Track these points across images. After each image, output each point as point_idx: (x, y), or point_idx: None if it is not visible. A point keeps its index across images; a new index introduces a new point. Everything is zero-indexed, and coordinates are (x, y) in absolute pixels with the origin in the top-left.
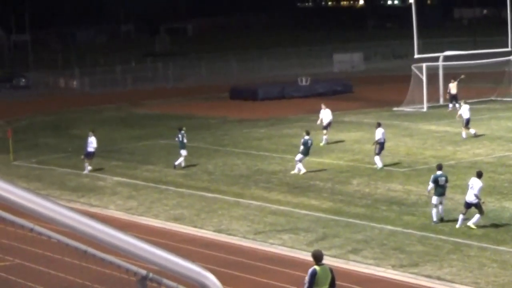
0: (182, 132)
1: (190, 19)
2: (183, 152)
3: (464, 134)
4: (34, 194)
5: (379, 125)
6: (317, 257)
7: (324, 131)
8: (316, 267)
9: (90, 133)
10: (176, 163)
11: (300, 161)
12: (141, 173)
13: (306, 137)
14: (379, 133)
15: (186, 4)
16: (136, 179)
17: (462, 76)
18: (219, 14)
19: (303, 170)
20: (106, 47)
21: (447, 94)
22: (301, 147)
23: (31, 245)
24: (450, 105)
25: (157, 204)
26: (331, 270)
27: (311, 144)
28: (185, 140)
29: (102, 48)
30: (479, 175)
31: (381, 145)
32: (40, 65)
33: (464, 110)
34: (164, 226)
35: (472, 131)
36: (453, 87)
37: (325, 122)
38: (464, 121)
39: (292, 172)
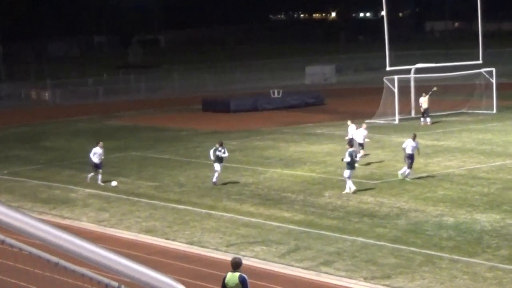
0: (221, 147)
1: (162, 31)
2: (218, 167)
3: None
4: (5, 206)
5: (414, 136)
6: (232, 264)
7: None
8: (229, 273)
9: (99, 145)
10: (215, 179)
11: (349, 177)
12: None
13: (350, 149)
14: (408, 145)
15: (159, 16)
16: (108, 191)
17: (434, 88)
18: (191, 26)
19: (353, 188)
20: (78, 59)
21: (420, 108)
22: (347, 161)
23: (2, 257)
24: (422, 119)
25: (129, 216)
26: (242, 281)
27: (356, 156)
28: (226, 154)
29: (74, 60)
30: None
31: (410, 157)
32: (12, 77)
33: (355, 132)
34: (136, 238)
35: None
36: (424, 102)
37: (359, 139)
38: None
39: (344, 192)
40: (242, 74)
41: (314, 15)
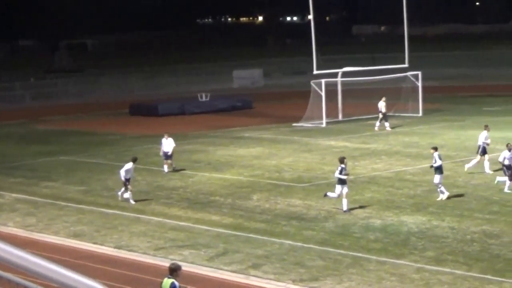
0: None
1: (90, 35)
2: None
3: (165, 168)
4: None
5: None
6: (169, 270)
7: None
8: (165, 278)
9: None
10: (345, 209)
11: (441, 183)
12: (41, 190)
13: (436, 153)
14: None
15: (87, 20)
16: (36, 195)
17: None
18: (119, 31)
19: (446, 193)
20: (5, 63)
21: (380, 113)
22: (436, 165)
23: None
24: (378, 124)
25: (57, 220)
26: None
27: (441, 158)
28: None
29: (1, 64)
30: None
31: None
32: None
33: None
34: (64, 243)
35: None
36: (383, 106)
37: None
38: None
39: (438, 199)
40: (169, 78)
41: (241, 19)
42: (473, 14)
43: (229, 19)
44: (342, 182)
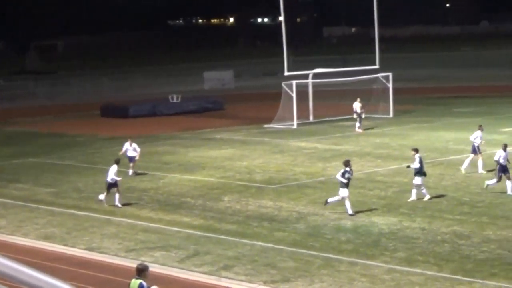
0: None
1: (61, 36)
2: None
3: (130, 172)
4: None
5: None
6: (136, 270)
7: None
8: (133, 279)
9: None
10: (350, 212)
11: (423, 184)
12: (10, 192)
13: (417, 155)
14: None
15: (57, 22)
16: (5, 197)
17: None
18: (90, 32)
19: (427, 196)
20: None
21: (354, 114)
22: (416, 168)
23: None
24: (358, 125)
25: (27, 222)
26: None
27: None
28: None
29: None
30: None
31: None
32: None
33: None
34: (34, 245)
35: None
36: (358, 107)
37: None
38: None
39: (425, 199)
40: (140, 79)
41: (212, 20)
42: (444, 16)
43: (200, 20)
44: (345, 185)
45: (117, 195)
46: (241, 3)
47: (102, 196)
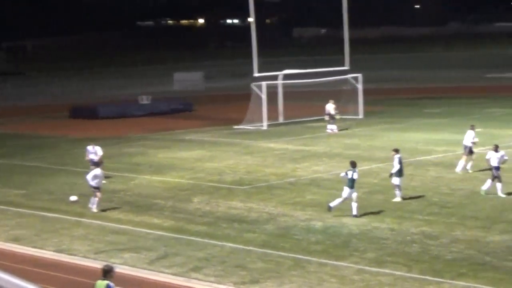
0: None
1: (30, 37)
2: (354, 194)
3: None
4: None
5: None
6: (102, 271)
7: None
8: (99, 280)
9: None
10: (355, 213)
11: (400, 185)
12: None
13: (397, 156)
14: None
15: (26, 23)
16: None
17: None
18: (59, 33)
19: (398, 198)
20: None
21: (327, 115)
22: (396, 169)
23: None
24: (329, 126)
25: None
26: None
27: (401, 161)
28: (356, 177)
29: None
30: None
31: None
32: None
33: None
34: (3, 247)
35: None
36: (331, 108)
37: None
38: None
39: (394, 200)
40: (110, 80)
41: (182, 21)
42: (413, 17)
43: (170, 21)
44: (351, 186)
45: (96, 199)
46: (211, 4)
47: (73, 198)
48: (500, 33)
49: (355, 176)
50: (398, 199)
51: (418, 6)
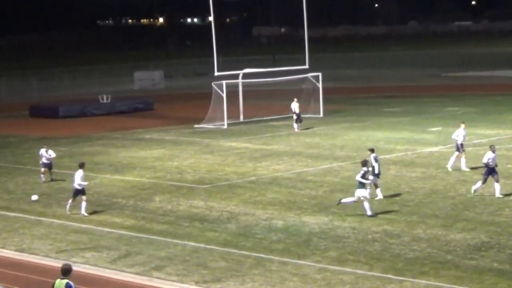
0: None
1: None
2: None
3: (42, 177)
4: None
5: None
6: (61, 271)
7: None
8: (58, 280)
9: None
10: (369, 213)
11: (371, 183)
12: None
13: (373, 155)
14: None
15: None
16: None
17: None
18: (19, 32)
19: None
20: None
21: (294, 114)
22: (373, 168)
23: None
24: (296, 125)
25: None
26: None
27: (377, 160)
28: (357, 177)
29: None
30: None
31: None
32: None
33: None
34: None
35: None
36: (296, 107)
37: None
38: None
39: (377, 198)
40: (69, 79)
41: (142, 20)
42: (372, 16)
43: (130, 20)
44: (363, 185)
45: (83, 204)
46: (170, 3)
47: (35, 197)
48: (458, 32)
49: (367, 176)
50: (380, 196)
51: (377, 5)
